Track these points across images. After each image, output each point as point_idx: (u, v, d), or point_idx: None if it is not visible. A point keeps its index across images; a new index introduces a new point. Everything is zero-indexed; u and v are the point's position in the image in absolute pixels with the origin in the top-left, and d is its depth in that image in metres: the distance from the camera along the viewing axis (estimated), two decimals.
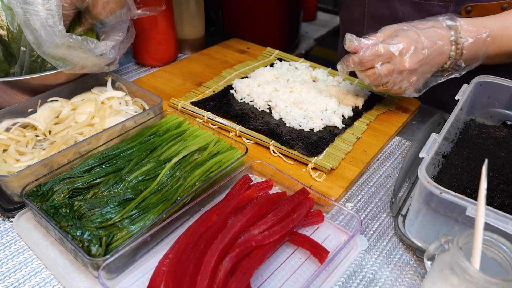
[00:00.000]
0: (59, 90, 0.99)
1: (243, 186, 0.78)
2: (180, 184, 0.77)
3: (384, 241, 0.77)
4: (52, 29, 0.86)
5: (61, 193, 0.73)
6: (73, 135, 0.89)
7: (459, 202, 0.64)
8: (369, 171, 0.92)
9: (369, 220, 0.81)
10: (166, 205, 0.73)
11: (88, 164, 0.80)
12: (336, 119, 0.99)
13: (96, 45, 0.94)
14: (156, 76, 1.21)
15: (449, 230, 0.69)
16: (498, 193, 0.78)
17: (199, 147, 0.85)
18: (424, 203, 0.69)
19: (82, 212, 0.71)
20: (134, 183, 0.77)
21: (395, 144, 1.01)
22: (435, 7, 1.05)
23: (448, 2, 1.03)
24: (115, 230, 0.69)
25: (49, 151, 0.85)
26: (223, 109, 1.03)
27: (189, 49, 1.40)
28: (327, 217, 0.79)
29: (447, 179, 0.81)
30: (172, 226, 0.73)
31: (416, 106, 1.10)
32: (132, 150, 0.84)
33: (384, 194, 0.87)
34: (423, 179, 0.67)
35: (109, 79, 1.05)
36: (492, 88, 0.95)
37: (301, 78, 1.14)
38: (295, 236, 0.72)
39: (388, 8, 1.13)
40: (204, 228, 0.68)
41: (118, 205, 0.73)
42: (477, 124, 0.97)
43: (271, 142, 0.92)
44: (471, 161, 0.85)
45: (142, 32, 1.22)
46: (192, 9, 1.33)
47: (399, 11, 1.11)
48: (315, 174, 0.87)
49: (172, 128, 0.90)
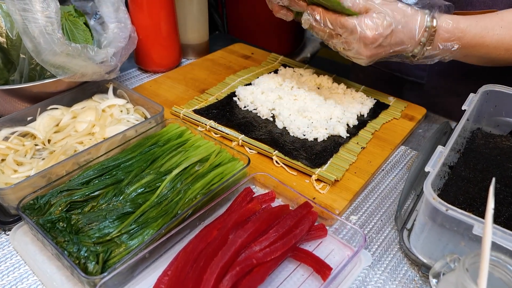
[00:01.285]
0: (60, 97, 0.98)
1: (245, 199, 0.76)
2: (181, 197, 0.76)
3: (389, 256, 0.76)
4: (51, 37, 0.85)
5: (59, 207, 0.72)
6: (73, 144, 0.87)
7: (466, 220, 0.62)
8: (373, 182, 0.90)
9: (373, 234, 0.79)
10: (165, 219, 0.72)
11: (87, 175, 0.78)
12: (340, 128, 0.97)
13: (96, 53, 0.92)
14: (158, 83, 1.20)
15: (456, 246, 0.67)
16: (506, 206, 0.76)
17: (200, 158, 0.84)
18: (429, 218, 0.68)
19: (80, 227, 0.70)
20: (134, 195, 0.76)
21: (401, 154, 0.99)
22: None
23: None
24: (113, 246, 0.67)
25: (48, 162, 0.83)
26: (226, 117, 1.02)
27: (193, 54, 1.38)
28: (331, 231, 0.77)
29: (453, 192, 0.79)
30: (172, 241, 0.72)
31: (422, 114, 1.08)
32: (133, 161, 0.83)
33: (389, 206, 0.85)
34: (428, 195, 0.65)
35: (110, 86, 1.04)
36: (499, 97, 0.93)
37: (306, 85, 1.12)
38: (298, 251, 0.71)
39: None
40: (204, 244, 0.66)
41: (116, 219, 0.71)
42: (484, 133, 0.95)
43: (274, 153, 0.91)
44: (477, 173, 0.84)
45: (144, 37, 1.21)
46: (195, 13, 1.31)
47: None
48: (319, 185, 0.85)
49: (173, 138, 0.89)
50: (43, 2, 0.84)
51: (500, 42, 0.91)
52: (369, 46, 0.87)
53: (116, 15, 1.06)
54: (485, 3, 0.99)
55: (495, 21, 0.91)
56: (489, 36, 0.90)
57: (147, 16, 1.18)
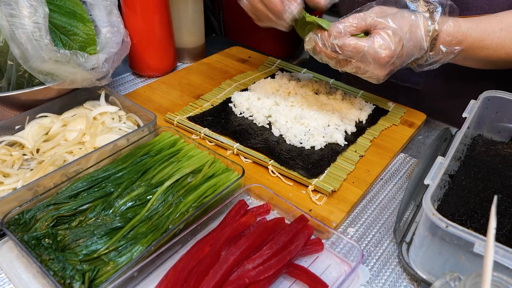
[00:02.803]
0: (49, 105, 0.95)
1: (238, 212, 0.74)
2: (172, 211, 0.73)
3: (388, 271, 0.73)
4: (39, 43, 0.82)
5: (45, 222, 0.70)
6: (62, 154, 0.85)
7: (467, 237, 0.60)
8: (372, 192, 0.88)
9: (371, 247, 0.77)
10: (155, 235, 0.69)
11: (75, 188, 0.76)
12: (338, 136, 0.94)
13: (87, 59, 0.90)
14: (153, 88, 1.17)
15: (456, 261, 0.65)
16: (507, 218, 0.74)
17: (193, 169, 0.81)
18: (429, 232, 0.65)
19: (66, 243, 0.67)
20: (123, 209, 0.73)
21: (400, 161, 0.96)
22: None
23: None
24: (100, 264, 0.64)
25: (36, 173, 0.81)
26: (221, 124, 0.99)
27: (189, 58, 1.35)
28: (327, 244, 0.75)
29: (453, 202, 0.77)
30: (162, 257, 0.69)
31: (422, 120, 1.06)
32: (123, 172, 0.80)
33: (387, 218, 0.82)
34: (428, 210, 0.63)
35: (102, 93, 1.01)
36: (500, 103, 0.91)
37: (303, 91, 1.09)
38: (293, 267, 0.68)
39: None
40: (195, 261, 0.64)
41: (105, 235, 0.69)
42: (485, 140, 0.93)
43: (270, 162, 0.88)
44: (478, 182, 0.81)
45: (138, 42, 1.18)
46: (191, 15, 1.28)
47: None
48: (316, 196, 0.83)
49: (166, 147, 0.86)
50: (30, 7, 0.81)
51: (500, 45, 0.89)
52: (384, 66, 0.84)
53: (108, 19, 1.03)
54: (481, 8, 0.98)
55: (495, 23, 0.90)
56: (489, 39, 0.89)
57: (141, 20, 1.16)
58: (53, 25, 0.95)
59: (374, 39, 0.82)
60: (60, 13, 0.96)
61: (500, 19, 0.90)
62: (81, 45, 0.97)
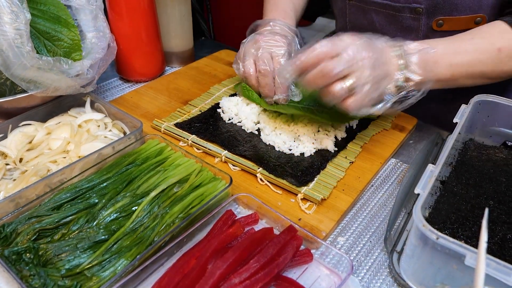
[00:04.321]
0: (33, 112, 0.93)
1: (226, 223, 0.72)
2: (157, 223, 0.71)
3: (378, 282, 0.72)
4: (20, 50, 0.80)
5: (26, 235, 0.68)
6: (46, 164, 0.83)
7: (457, 249, 0.58)
8: (362, 199, 0.86)
9: (361, 257, 0.75)
10: (140, 248, 0.67)
11: (59, 199, 0.74)
12: (328, 142, 0.93)
13: (71, 66, 0.88)
14: (140, 93, 1.15)
15: (448, 270, 0.64)
16: (499, 225, 0.72)
17: (179, 179, 0.79)
18: (420, 241, 0.64)
19: (48, 258, 0.65)
20: (108, 221, 0.72)
21: (391, 167, 0.95)
22: (407, 19, 1.05)
23: (419, 14, 1.02)
24: (82, 279, 0.63)
25: (18, 183, 0.79)
26: (209, 131, 0.97)
27: (177, 62, 1.34)
28: (317, 255, 0.73)
29: (445, 210, 0.76)
30: (147, 271, 0.67)
31: (413, 124, 1.05)
32: (108, 182, 0.78)
33: (378, 226, 0.81)
34: (418, 222, 0.62)
35: (87, 99, 0.99)
36: (491, 107, 0.90)
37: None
38: (281, 280, 0.66)
39: (366, 19, 1.13)
40: (180, 275, 0.62)
41: (88, 249, 0.67)
42: (477, 144, 0.92)
43: (258, 170, 0.87)
44: (470, 188, 0.80)
45: (125, 46, 1.16)
46: (179, 19, 1.26)
47: (375, 21, 1.11)
48: (305, 205, 0.81)
49: (152, 156, 0.85)
50: (11, 13, 0.79)
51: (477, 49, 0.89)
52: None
53: (94, 23, 1.02)
54: (470, 8, 0.97)
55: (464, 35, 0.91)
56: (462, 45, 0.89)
57: (127, 24, 1.14)
58: (37, 30, 0.93)
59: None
60: (44, 18, 0.94)
61: (469, 33, 0.91)
62: (66, 51, 0.95)
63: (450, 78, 0.90)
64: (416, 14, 1.03)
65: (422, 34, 1.05)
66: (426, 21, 1.03)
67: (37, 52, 0.84)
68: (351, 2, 1.14)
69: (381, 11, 1.08)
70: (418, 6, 1.01)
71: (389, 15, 1.07)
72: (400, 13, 1.05)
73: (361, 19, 1.15)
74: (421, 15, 1.02)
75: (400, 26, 1.07)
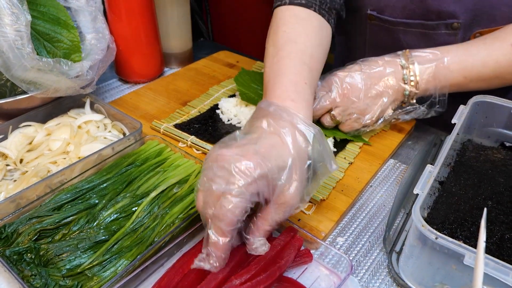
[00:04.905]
0: (33, 114, 0.94)
1: None
2: (158, 223, 0.72)
3: (377, 282, 0.72)
4: (20, 52, 0.80)
5: (27, 235, 0.68)
6: (46, 165, 0.83)
7: (456, 249, 0.59)
8: (361, 200, 0.87)
9: (361, 257, 0.76)
10: (141, 248, 0.68)
11: (59, 200, 0.74)
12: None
13: (71, 67, 0.88)
14: (139, 94, 1.15)
15: (447, 270, 0.64)
16: (498, 225, 0.73)
17: (179, 179, 0.80)
18: (419, 241, 0.65)
19: (49, 258, 0.65)
20: (108, 221, 0.72)
21: (389, 168, 0.95)
22: (442, 36, 1.00)
23: (456, 29, 0.97)
24: (83, 279, 0.63)
25: (19, 184, 0.79)
26: (208, 132, 0.98)
27: (176, 63, 1.34)
28: (316, 255, 0.74)
29: (443, 210, 0.76)
30: (147, 271, 0.68)
31: (412, 125, 1.05)
32: (108, 183, 0.79)
33: (377, 226, 0.81)
34: (417, 222, 0.62)
35: (87, 100, 1.00)
36: (489, 108, 0.90)
37: None
38: (282, 281, 0.66)
39: (391, 38, 1.07)
40: (180, 275, 0.62)
41: (89, 249, 0.67)
42: (475, 145, 0.92)
43: None
44: (468, 188, 0.80)
45: (124, 47, 1.17)
46: (177, 20, 1.27)
47: (403, 41, 1.05)
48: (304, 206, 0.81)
49: (151, 157, 0.85)
50: (12, 15, 0.80)
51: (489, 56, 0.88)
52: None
53: (93, 25, 1.02)
54: (509, 18, 0.92)
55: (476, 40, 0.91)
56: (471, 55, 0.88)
57: (126, 25, 1.14)
58: (36, 32, 0.93)
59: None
60: (44, 20, 0.94)
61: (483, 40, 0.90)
62: (65, 52, 0.96)
63: (463, 81, 0.90)
64: (452, 30, 0.97)
65: None
66: (463, 35, 0.98)
67: (36, 53, 0.84)
68: (373, 22, 1.09)
69: (411, 30, 1.03)
70: (455, 21, 0.96)
71: (420, 34, 1.02)
72: (434, 31, 1.00)
73: (384, 39, 1.09)
74: (458, 30, 0.97)
75: (433, 44, 0.96)
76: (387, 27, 1.06)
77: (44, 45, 0.94)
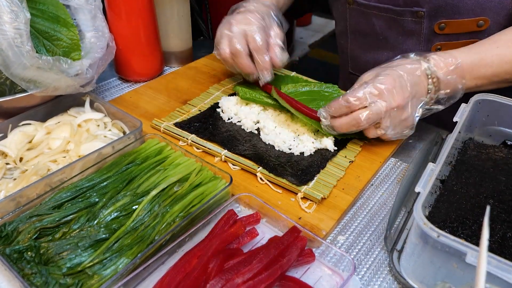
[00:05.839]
0: (33, 112, 0.93)
1: (227, 223, 0.72)
2: (158, 222, 0.72)
3: (378, 280, 0.72)
4: (20, 50, 0.80)
5: (27, 234, 0.68)
6: (46, 163, 0.83)
7: (458, 247, 0.59)
8: (362, 198, 0.87)
9: (362, 256, 0.76)
10: (141, 246, 0.67)
11: (59, 198, 0.74)
12: (328, 142, 0.93)
13: (70, 65, 0.88)
14: (139, 93, 1.15)
15: (449, 269, 0.64)
16: (499, 224, 0.73)
17: (180, 178, 0.79)
18: (421, 239, 0.64)
19: (50, 256, 0.65)
20: (108, 220, 0.72)
21: (390, 166, 0.95)
22: (409, 23, 1.05)
23: (421, 18, 1.03)
24: (84, 278, 0.63)
25: (19, 183, 0.79)
26: (209, 130, 0.97)
27: (176, 62, 1.34)
28: (318, 253, 0.73)
29: (444, 208, 0.76)
30: (148, 270, 0.67)
31: None
32: (108, 181, 0.78)
33: (378, 224, 0.81)
34: (419, 220, 0.62)
35: (87, 99, 0.99)
36: (491, 106, 0.90)
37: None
38: (285, 279, 0.66)
39: (367, 23, 1.13)
40: (182, 274, 0.62)
41: (89, 247, 0.67)
42: (476, 143, 0.92)
43: (258, 169, 0.87)
44: (470, 187, 0.80)
45: (124, 46, 1.16)
46: (177, 19, 1.26)
47: (376, 25, 1.11)
48: (305, 204, 0.81)
49: (152, 155, 0.85)
50: (11, 12, 0.79)
51: (503, 60, 0.90)
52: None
53: (93, 23, 1.01)
54: (473, 11, 0.97)
55: (488, 45, 0.91)
56: (487, 57, 0.89)
57: (126, 24, 1.14)
58: (36, 30, 0.93)
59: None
60: (43, 18, 0.94)
61: (494, 40, 0.91)
62: (65, 51, 0.95)
63: (474, 87, 0.93)
64: (417, 18, 1.03)
65: (424, 38, 1.06)
66: (428, 24, 1.03)
67: (36, 51, 0.84)
68: (352, 6, 1.14)
69: (382, 15, 1.08)
70: (419, 10, 1.01)
71: (390, 19, 1.08)
72: (401, 17, 1.05)
73: (362, 23, 1.15)
74: (423, 19, 1.02)
75: (402, 30, 1.07)
76: (363, 10, 1.12)
77: (43, 43, 0.93)
